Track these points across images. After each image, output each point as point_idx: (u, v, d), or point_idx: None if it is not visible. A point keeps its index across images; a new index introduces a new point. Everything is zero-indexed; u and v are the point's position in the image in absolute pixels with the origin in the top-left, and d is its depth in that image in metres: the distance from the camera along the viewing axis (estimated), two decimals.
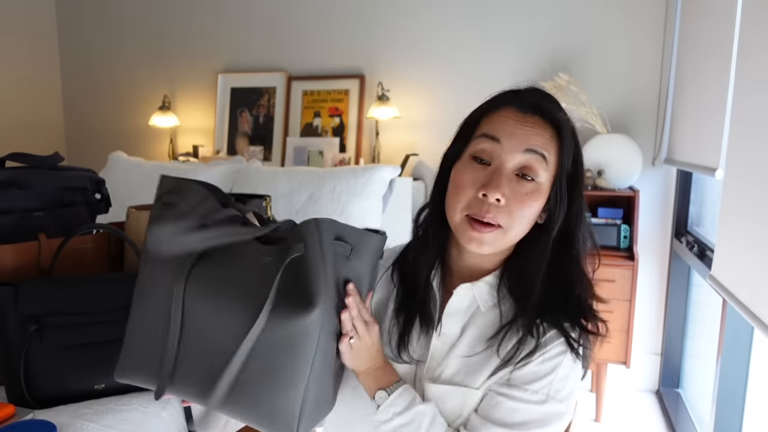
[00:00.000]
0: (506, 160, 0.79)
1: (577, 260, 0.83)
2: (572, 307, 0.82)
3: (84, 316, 1.08)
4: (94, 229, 1.25)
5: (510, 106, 0.82)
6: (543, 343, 0.80)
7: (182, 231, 0.77)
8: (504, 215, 0.78)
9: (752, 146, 1.40)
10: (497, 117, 0.81)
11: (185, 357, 0.77)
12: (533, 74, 2.80)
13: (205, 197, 0.79)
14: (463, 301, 0.86)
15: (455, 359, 0.84)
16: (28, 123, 3.61)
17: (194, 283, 0.76)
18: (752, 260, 1.34)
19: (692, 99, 2.19)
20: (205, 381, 0.75)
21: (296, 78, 3.22)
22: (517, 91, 0.85)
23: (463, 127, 0.86)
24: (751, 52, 1.49)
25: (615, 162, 2.49)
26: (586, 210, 0.84)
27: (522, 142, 0.79)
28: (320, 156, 3.06)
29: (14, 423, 0.93)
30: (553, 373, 0.80)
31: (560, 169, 0.81)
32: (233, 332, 0.73)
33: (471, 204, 0.79)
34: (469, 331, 0.85)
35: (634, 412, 2.55)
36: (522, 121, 0.80)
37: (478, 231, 0.78)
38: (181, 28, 3.45)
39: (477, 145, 0.81)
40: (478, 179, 0.79)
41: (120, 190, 2.56)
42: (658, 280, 2.70)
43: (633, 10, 2.64)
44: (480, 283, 0.85)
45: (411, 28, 3.00)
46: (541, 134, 0.80)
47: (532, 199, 0.79)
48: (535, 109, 0.81)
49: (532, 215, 0.81)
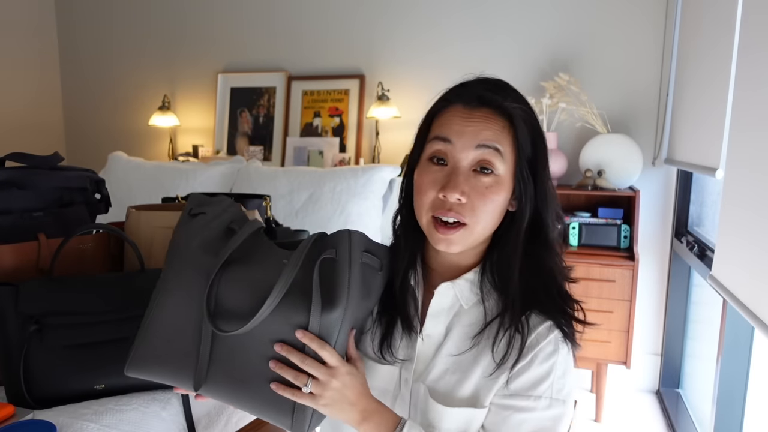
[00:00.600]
0: (460, 158, 0.79)
1: (550, 244, 0.83)
2: (556, 296, 0.82)
3: (84, 316, 1.08)
4: (94, 229, 1.25)
5: (457, 104, 0.82)
6: (535, 340, 0.80)
7: (211, 233, 0.82)
8: (467, 212, 0.79)
9: (752, 146, 1.40)
10: (446, 116, 0.82)
11: (217, 357, 0.79)
12: (533, 74, 2.80)
13: (231, 204, 0.86)
14: (445, 301, 0.85)
15: (443, 358, 0.83)
16: (28, 123, 3.61)
17: (222, 285, 0.79)
18: (752, 260, 1.34)
19: (692, 99, 2.19)
20: (234, 377, 0.79)
21: (296, 78, 3.22)
22: (464, 84, 0.84)
23: (419, 130, 0.87)
24: (751, 52, 1.49)
25: (615, 162, 2.49)
26: (553, 190, 0.83)
27: (472, 138, 0.79)
28: (320, 156, 3.06)
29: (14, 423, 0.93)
30: (552, 374, 0.79)
31: (519, 156, 0.80)
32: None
33: (434, 205, 0.80)
34: (455, 331, 0.84)
35: (634, 413, 2.55)
36: (469, 117, 0.80)
37: (443, 233, 0.79)
38: (181, 28, 3.45)
39: (431, 147, 0.82)
40: (437, 181, 0.80)
41: (120, 190, 2.56)
42: (658, 280, 2.70)
43: (633, 10, 2.64)
44: (460, 281, 0.85)
45: (411, 28, 3.00)
46: (491, 127, 0.79)
47: (493, 192, 0.79)
48: (482, 101, 0.80)
49: (498, 207, 0.81)
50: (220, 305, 0.78)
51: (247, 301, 0.77)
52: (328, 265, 0.79)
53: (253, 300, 0.76)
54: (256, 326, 0.76)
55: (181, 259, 0.81)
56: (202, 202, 0.87)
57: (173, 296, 0.80)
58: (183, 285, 0.80)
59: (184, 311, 0.80)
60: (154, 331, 0.80)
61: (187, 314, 0.80)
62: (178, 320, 0.80)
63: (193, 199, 0.88)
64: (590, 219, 2.52)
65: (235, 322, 0.76)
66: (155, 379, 0.82)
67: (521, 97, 0.83)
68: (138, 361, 0.81)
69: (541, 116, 2.62)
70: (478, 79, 0.84)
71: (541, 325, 0.81)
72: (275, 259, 0.82)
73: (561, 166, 2.60)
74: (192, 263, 0.80)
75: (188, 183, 2.64)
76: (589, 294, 2.38)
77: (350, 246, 0.80)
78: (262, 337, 0.77)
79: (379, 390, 0.85)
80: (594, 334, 2.38)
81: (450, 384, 0.82)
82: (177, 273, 0.80)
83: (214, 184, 2.65)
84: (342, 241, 0.81)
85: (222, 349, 0.78)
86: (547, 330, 0.80)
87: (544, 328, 0.81)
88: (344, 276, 0.78)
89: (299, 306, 0.76)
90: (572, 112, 2.61)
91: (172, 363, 0.80)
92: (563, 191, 2.54)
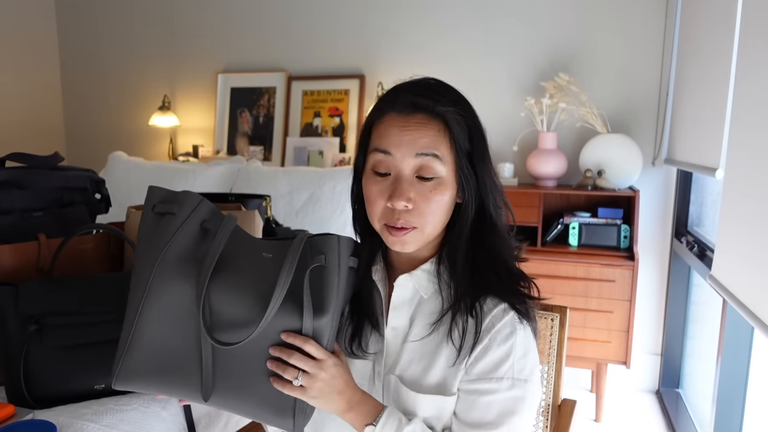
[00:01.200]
0: (401, 168, 0.82)
1: (496, 229, 0.86)
2: (506, 278, 0.85)
3: (84, 316, 1.08)
4: (94, 229, 1.25)
5: (391, 112, 0.83)
6: (490, 324, 0.82)
7: (186, 239, 0.79)
8: (415, 216, 0.82)
9: (752, 146, 1.40)
10: (383, 127, 0.83)
11: (218, 366, 0.80)
12: (533, 74, 2.80)
13: (199, 200, 0.82)
14: (405, 293, 0.88)
15: (408, 348, 0.86)
16: (28, 123, 3.61)
17: (212, 295, 0.78)
18: (752, 260, 1.34)
19: (692, 99, 2.19)
20: (236, 384, 0.80)
21: (296, 78, 3.22)
22: (396, 90, 0.85)
23: (360, 140, 0.89)
24: (751, 52, 1.49)
25: (615, 162, 2.49)
26: (495, 178, 0.86)
27: (410, 148, 0.80)
28: (320, 156, 3.06)
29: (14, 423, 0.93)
30: (512, 355, 0.82)
31: (458, 154, 0.82)
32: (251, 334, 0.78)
33: (384, 214, 0.83)
34: (418, 320, 0.87)
35: (634, 412, 2.55)
36: (405, 125, 0.81)
37: (395, 236, 0.82)
38: (181, 28, 3.45)
39: (373, 158, 0.84)
40: (383, 191, 0.82)
41: (120, 190, 2.56)
42: (658, 280, 2.70)
43: (633, 10, 2.64)
44: (417, 271, 0.88)
45: (411, 27, 3.00)
46: (427, 133, 0.81)
47: (437, 193, 0.82)
48: (415, 107, 0.82)
49: (444, 206, 0.83)
50: (214, 316, 0.78)
51: (240, 309, 0.78)
52: (317, 270, 0.82)
53: (246, 308, 0.78)
54: (242, 330, 0.78)
55: (162, 268, 0.78)
56: (166, 199, 0.82)
57: (158, 306, 0.78)
58: (167, 294, 0.78)
59: (174, 323, 0.78)
60: (141, 342, 0.78)
61: (177, 326, 0.78)
62: (169, 332, 0.79)
63: (155, 194, 0.83)
64: (590, 219, 2.52)
65: (232, 332, 0.77)
66: (147, 391, 0.81)
67: (454, 96, 0.85)
68: (126, 374, 0.79)
69: (541, 116, 2.62)
70: (410, 84, 0.85)
71: (496, 308, 0.83)
72: (257, 257, 0.82)
73: (561, 166, 2.60)
74: (173, 272, 0.78)
75: (188, 183, 2.64)
76: (589, 294, 2.38)
77: (339, 252, 0.83)
78: (258, 343, 0.78)
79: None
80: (594, 334, 2.38)
81: (417, 372, 0.85)
82: (158, 282, 0.78)
83: (214, 184, 2.65)
84: (331, 247, 0.83)
85: (222, 358, 0.79)
86: (502, 312, 0.83)
87: (499, 311, 0.83)
88: (333, 282, 0.82)
89: (292, 312, 0.79)
90: (572, 112, 2.61)
91: (170, 376, 0.79)
92: (563, 191, 2.54)
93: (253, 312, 0.77)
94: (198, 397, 0.80)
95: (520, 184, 2.75)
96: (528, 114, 2.71)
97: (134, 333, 0.78)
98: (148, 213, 0.82)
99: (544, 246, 2.52)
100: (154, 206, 0.82)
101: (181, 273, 0.78)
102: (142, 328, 0.78)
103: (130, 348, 0.78)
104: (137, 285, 0.79)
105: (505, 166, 2.73)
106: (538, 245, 2.52)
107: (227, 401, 0.81)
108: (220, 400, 0.80)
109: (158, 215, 0.81)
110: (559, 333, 1.19)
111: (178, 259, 0.78)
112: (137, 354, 0.78)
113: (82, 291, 1.10)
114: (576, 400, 1.23)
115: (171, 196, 0.82)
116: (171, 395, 0.81)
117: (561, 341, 1.19)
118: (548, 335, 1.19)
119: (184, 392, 0.80)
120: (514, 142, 2.78)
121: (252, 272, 0.80)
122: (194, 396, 0.80)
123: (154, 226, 0.81)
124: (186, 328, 0.78)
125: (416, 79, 0.86)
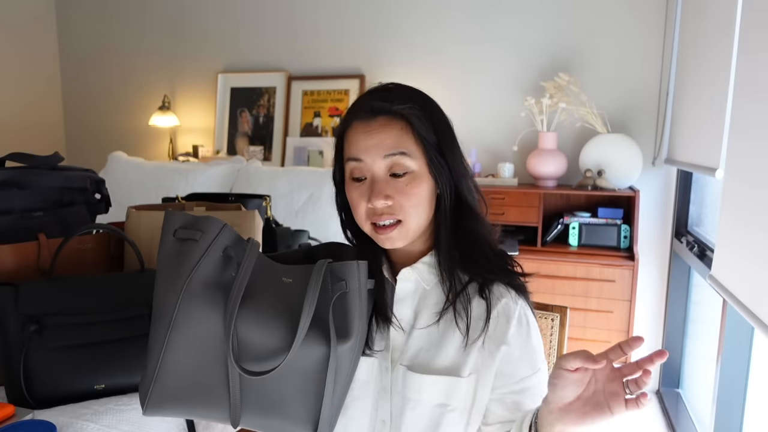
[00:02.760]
0: (374, 171, 0.86)
1: (474, 212, 0.90)
2: (492, 258, 0.90)
3: (84, 316, 1.08)
4: (94, 229, 1.25)
5: (356, 121, 0.88)
6: (504, 313, 0.87)
7: (209, 266, 0.80)
8: (397, 210, 0.86)
9: (752, 146, 1.40)
10: (351, 136, 0.88)
11: (246, 392, 0.81)
12: (533, 74, 2.80)
13: (221, 226, 0.82)
14: (408, 285, 0.92)
15: (415, 338, 0.89)
16: (28, 123, 3.61)
17: (239, 321, 0.79)
18: (752, 260, 1.34)
19: (692, 99, 2.19)
20: (265, 408, 0.82)
21: (296, 78, 3.22)
22: (358, 99, 0.90)
23: (335, 152, 0.93)
24: (751, 52, 1.49)
25: (615, 162, 2.49)
26: (465, 164, 0.90)
27: (377, 150, 0.85)
28: (320, 156, 3.06)
29: (14, 423, 0.93)
30: (537, 346, 0.89)
31: (426, 147, 0.86)
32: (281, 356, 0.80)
33: (368, 215, 0.87)
34: (423, 312, 0.91)
35: (634, 413, 2.54)
36: (369, 130, 0.86)
37: (383, 234, 0.86)
38: (181, 28, 3.45)
39: (348, 168, 0.89)
40: (362, 194, 0.87)
41: (120, 190, 2.56)
42: (658, 280, 2.70)
43: (633, 10, 2.64)
44: (418, 264, 0.92)
45: (411, 28, 3.00)
46: (390, 134, 0.85)
47: (413, 187, 0.86)
48: (375, 111, 0.86)
49: (423, 198, 0.87)
50: (241, 345, 0.79)
51: (266, 339, 0.80)
52: (339, 296, 0.84)
53: (272, 337, 0.79)
54: (271, 353, 0.79)
55: (187, 296, 0.78)
56: (188, 224, 0.82)
57: (185, 335, 0.79)
58: (193, 322, 0.79)
59: (201, 351, 0.79)
60: (168, 371, 0.79)
61: (204, 354, 0.79)
62: (196, 360, 0.79)
63: (175, 219, 0.83)
64: (590, 219, 2.52)
65: (259, 360, 0.79)
66: (177, 416, 0.83)
67: (410, 93, 0.89)
68: (157, 402, 0.80)
69: (541, 116, 2.62)
70: (369, 92, 0.90)
71: (504, 297, 0.89)
72: (277, 282, 0.84)
73: (561, 166, 2.60)
74: (199, 301, 0.78)
75: (188, 183, 2.64)
76: (589, 294, 2.38)
77: (359, 277, 0.85)
78: (284, 369, 0.79)
79: (361, 382, 0.90)
80: (594, 334, 2.38)
81: (426, 359, 0.88)
82: (184, 311, 0.78)
83: (214, 184, 2.65)
84: (352, 273, 0.85)
85: (248, 383, 0.81)
86: (511, 302, 0.88)
87: (508, 300, 0.88)
88: (355, 308, 0.85)
89: (316, 338, 0.81)
90: (572, 112, 2.61)
91: (199, 402, 0.81)
92: (563, 191, 2.54)
93: (279, 340, 0.79)
94: (227, 421, 0.82)
95: (520, 184, 2.75)
96: (528, 114, 2.71)
97: (162, 362, 0.79)
98: (168, 238, 0.82)
99: (544, 246, 2.52)
100: (176, 231, 0.82)
101: (207, 301, 0.78)
102: (169, 357, 0.79)
103: (159, 377, 0.79)
104: (162, 313, 0.79)
105: (505, 166, 2.73)
106: (538, 245, 2.52)
107: (255, 422, 0.83)
108: (248, 422, 0.82)
109: (180, 241, 0.81)
110: (559, 333, 1.19)
111: (203, 286, 0.79)
112: (165, 382, 0.79)
113: (82, 291, 1.10)
114: None
115: (192, 221, 0.82)
116: (200, 419, 0.83)
117: (561, 341, 1.19)
118: (548, 335, 1.19)
119: (213, 417, 0.82)
120: (514, 142, 2.78)
121: (274, 299, 0.82)
122: (223, 420, 0.82)
123: (176, 252, 0.81)
124: (213, 356, 0.79)
125: (374, 86, 0.91)
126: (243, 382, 0.80)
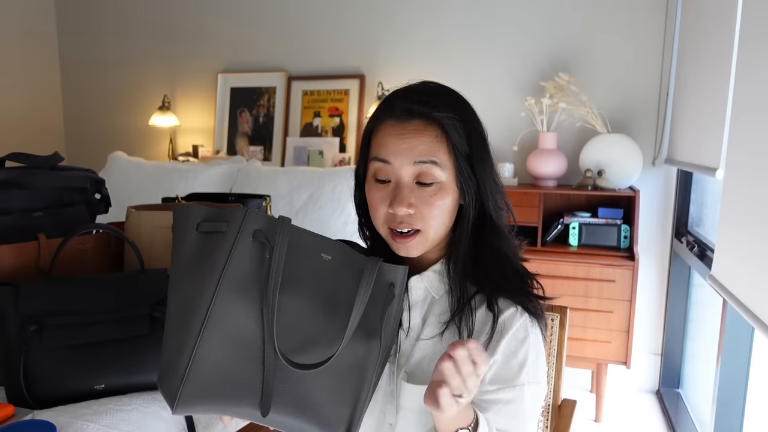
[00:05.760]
0: (401, 175, 0.82)
1: (499, 230, 0.86)
2: (512, 278, 0.86)
3: (84, 316, 1.08)
4: (94, 229, 1.25)
5: (388, 120, 0.83)
6: (505, 326, 0.83)
7: (243, 254, 0.75)
8: (418, 220, 0.82)
9: (752, 146, 1.40)
10: (381, 135, 0.84)
11: (281, 385, 0.79)
12: (533, 74, 2.80)
13: (246, 213, 0.77)
14: (418, 293, 0.89)
15: (420, 347, 0.87)
16: (28, 123, 3.61)
17: (277, 311, 0.76)
18: (752, 260, 1.34)
19: (692, 99, 2.19)
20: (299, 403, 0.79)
21: (296, 78, 3.22)
22: (392, 97, 0.85)
23: (361, 148, 0.90)
24: (751, 52, 1.49)
25: (615, 162, 2.49)
26: (496, 179, 0.86)
27: (408, 156, 0.81)
28: (320, 156, 3.06)
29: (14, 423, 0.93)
30: (528, 360, 0.83)
31: (457, 158, 0.82)
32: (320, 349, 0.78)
33: (387, 219, 0.84)
34: (430, 320, 0.88)
35: (634, 413, 2.55)
36: (402, 133, 0.81)
37: (400, 241, 0.84)
38: (181, 28, 3.45)
39: (373, 167, 0.85)
40: (384, 198, 0.83)
41: (120, 190, 2.56)
42: (658, 280, 2.70)
43: (633, 10, 2.64)
44: (428, 272, 0.89)
45: (411, 28, 3.00)
46: (424, 140, 0.81)
47: (438, 198, 0.82)
48: (411, 114, 0.82)
49: (446, 209, 0.83)
50: (281, 337, 0.76)
51: (308, 329, 0.77)
52: (381, 297, 0.81)
53: (313, 326, 0.77)
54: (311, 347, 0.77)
55: (223, 292, 0.74)
56: (211, 217, 0.78)
57: (220, 332, 0.75)
58: (229, 319, 0.75)
59: (236, 346, 0.76)
60: (201, 368, 0.75)
61: (240, 349, 0.76)
62: (230, 356, 0.76)
63: (196, 213, 0.78)
64: (590, 219, 2.52)
65: (299, 351, 0.77)
66: (206, 413, 0.79)
67: (451, 100, 0.85)
68: (188, 400, 0.75)
69: (541, 116, 2.62)
70: (406, 90, 0.85)
71: (508, 310, 0.84)
72: (316, 260, 0.79)
73: (561, 166, 2.60)
74: (235, 295, 0.75)
75: (188, 183, 2.64)
76: (589, 294, 2.38)
77: (402, 281, 0.83)
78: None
79: None
80: (594, 334, 2.38)
81: (428, 371, 0.84)
82: (220, 307, 0.74)
83: (214, 184, 2.65)
84: (398, 278, 0.83)
85: (282, 377, 0.77)
86: (516, 315, 0.83)
87: (513, 313, 0.84)
88: (397, 312, 0.84)
89: (359, 337, 0.79)
90: (572, 112, 2.61)
91: (230, 397, 0.77)
92: (563, 191, 2.54)
93: (319, 330, 0.77)
94: (256, 415, 0.78)
95: (520, 184, 2.75)
96: (528, 114, 2.71)
97: (194, 359, 0.74)
98: (190, 233, 0.78)
99: (544, 246, 2.52)
100: (198, 225, 0.78)
101: (244, 294, 0.75)
102: (202, 355, 0.74)
103: (190, 375, 0.74)
104: (195, 310, 0.74)
105: (505, 166, 2.73)
106: (538, 245, 2.52)
107: (281, 419, 0.79)
108: (275, 418, 0.79)
109: (205, 234, 0.77)
110: (559, 333, 1.19)
111: (237, 279, 0.75)
112: (198, 380, 0.75)
113: (82, 291, 1.10)
114: (576, 400, 1.23)
115: (216, 213, 0.78)
116: (227, 414, 0.79)
117: (561, 341, 1.19)
118: (548, 335, 1.19)
119: (242, 411, 0.78)
120: (514, 142, 2.78)
121: (313, 281, 0.78)
122: (252, 414, 0.78)
123: (203, 247, 0.77)
124: (249, 350, 0.76)
125: (413, 84, 0.86)
126: (277, 375, 0.77)
